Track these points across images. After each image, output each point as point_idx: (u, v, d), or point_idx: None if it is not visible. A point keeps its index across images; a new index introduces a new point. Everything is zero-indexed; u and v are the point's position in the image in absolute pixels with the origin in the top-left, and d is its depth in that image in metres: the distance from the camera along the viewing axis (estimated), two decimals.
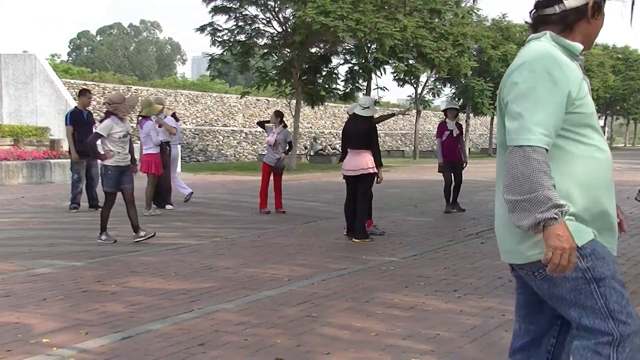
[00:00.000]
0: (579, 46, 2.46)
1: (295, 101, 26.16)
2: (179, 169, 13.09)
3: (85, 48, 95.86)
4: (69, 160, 11.98)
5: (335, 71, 27.61)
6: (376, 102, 22.63)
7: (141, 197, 11.19)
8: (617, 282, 2.44)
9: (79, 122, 11.40)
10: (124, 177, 8.30)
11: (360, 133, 8.58)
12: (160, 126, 11.34)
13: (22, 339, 4.37)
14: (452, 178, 11.50)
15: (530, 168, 2.26)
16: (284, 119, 11.71)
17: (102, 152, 8.27)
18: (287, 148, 11.54)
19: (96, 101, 30.79)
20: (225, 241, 8.53)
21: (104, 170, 8.26)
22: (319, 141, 37.24)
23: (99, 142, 8.34)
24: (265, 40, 25.79)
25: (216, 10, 24.76)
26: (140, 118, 11.59)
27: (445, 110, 12.03)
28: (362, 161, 8.51)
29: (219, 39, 25.15)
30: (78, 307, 5.21)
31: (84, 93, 11.75)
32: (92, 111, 13.01)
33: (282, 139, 11.44)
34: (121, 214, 11.21)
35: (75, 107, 11.81)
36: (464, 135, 11.84)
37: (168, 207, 11.67)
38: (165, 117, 11.75)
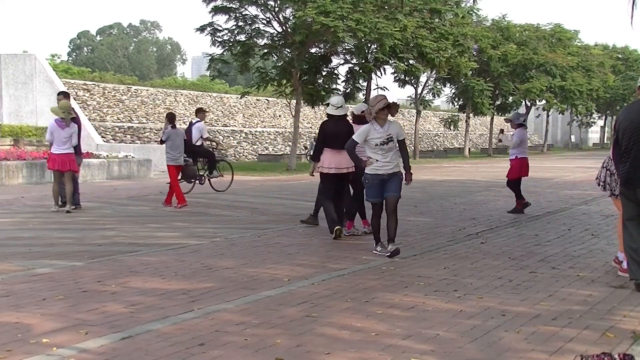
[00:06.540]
0: None
1: (295, 101, 26.15)
2: None
3: (85, 48, 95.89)
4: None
5: (335, 71, 27.58)
6: None
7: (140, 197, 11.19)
8: None
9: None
10: (388, 185, 7.67)
11: (341, 133, 8.69)
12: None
13: (22, 339, 4.37)
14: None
15: None
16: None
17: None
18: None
19: (96, 101, 30.81)
20: (225, 241, 8.53)
21: (364, 179, 7.84)
22: None
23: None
24: (265, 40, 25.76)
25: (216, 10, 24.74)
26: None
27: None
28: (344, 160, 8.63)
29: (219, 39, 25.13)
30: (78, 307, 5.21)
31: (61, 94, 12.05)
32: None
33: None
34: (121, 214, 11.25)
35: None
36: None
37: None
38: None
